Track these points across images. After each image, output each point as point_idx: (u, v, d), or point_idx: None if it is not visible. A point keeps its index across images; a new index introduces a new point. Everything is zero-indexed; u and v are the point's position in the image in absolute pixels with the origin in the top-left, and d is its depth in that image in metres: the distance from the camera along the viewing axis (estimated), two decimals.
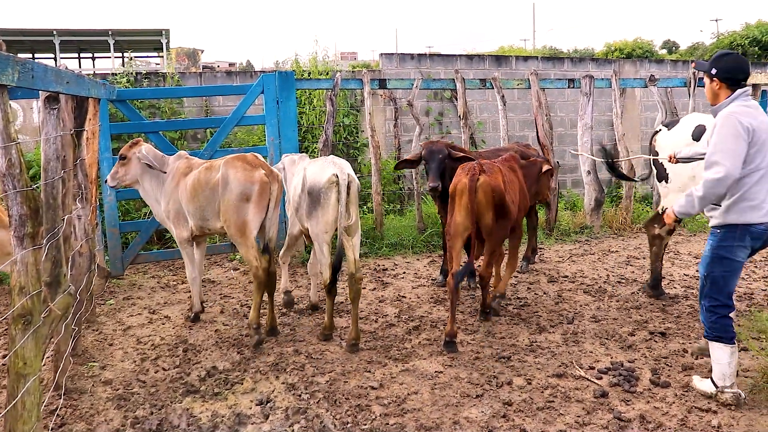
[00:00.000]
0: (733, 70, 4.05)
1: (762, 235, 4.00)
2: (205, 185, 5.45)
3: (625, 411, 4.02)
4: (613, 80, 9.85)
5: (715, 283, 4.08)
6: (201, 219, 5.58)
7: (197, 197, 5.50)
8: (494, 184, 5.27)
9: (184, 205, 5.62)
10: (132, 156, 5.88)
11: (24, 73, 2.91)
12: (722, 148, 3.88)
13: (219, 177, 5.35)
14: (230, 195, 5.28)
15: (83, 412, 4.16)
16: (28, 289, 3.06)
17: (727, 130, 3.89)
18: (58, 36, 22.97)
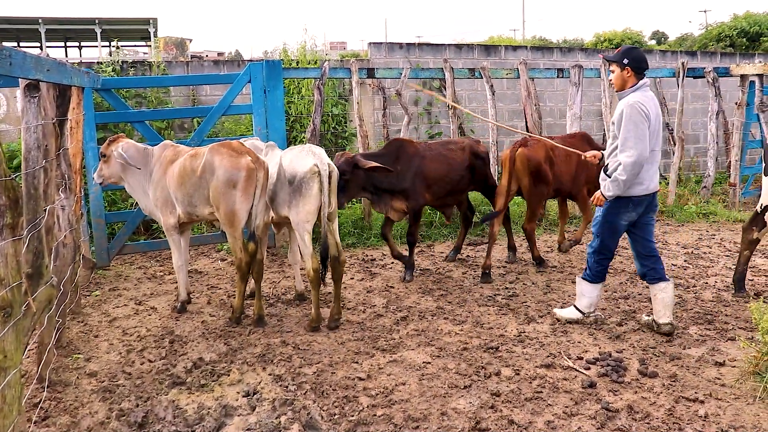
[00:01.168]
0: (640, 61, 4.87)
1: (642, 202, 4.95)
2: (191, 172, 5.43)
3: (613, 401, 4.02)
4: (602, 70, 9.83)
5: (603, 241, 5.11)
6: (189, 206, 5.57)
7: (184, 184, 5.48)
8: (530, 155, 6.70)
9: (172, 193, 5.60)
10: (110, 154, 5.84)
11: (1, 59, 2.84)
12: (634, 134, 4.71)
13: (204, 163, 5.33)
14: (217, 182, 5.27)
15: (67, 404, 4.11)
16: (8, 280, 2.99)
17: (637, 117, 4.71)
18: (44, 24, 22.70)
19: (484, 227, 8.84)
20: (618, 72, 4.91)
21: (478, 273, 6.96)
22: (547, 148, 6.83)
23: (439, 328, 5.33)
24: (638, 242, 5.15)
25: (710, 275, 6.76)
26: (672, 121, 11.47)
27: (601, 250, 5.15)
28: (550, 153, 6.91)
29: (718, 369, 4.47)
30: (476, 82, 11.50)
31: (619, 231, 5.09)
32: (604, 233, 5.09)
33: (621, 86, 4.92)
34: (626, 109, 4.76)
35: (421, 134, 11.42)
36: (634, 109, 4.72)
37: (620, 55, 4.90)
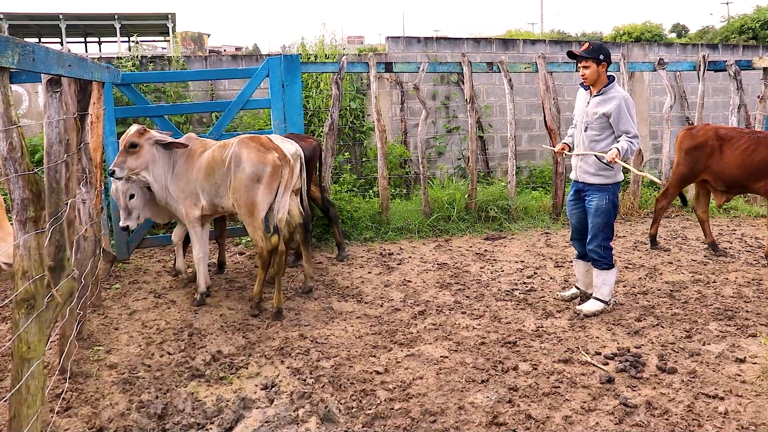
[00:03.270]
0: (610, 57, 5.38)
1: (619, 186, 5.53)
2: (220, 163, 5.62)
3: (632, 397, 4.00)
4: (621, 64, 9.75)
5: (610, 224, 5.43)
6: (216, 196, 5.75)
7: (212, 175, 5.68)
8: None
9: (199, 184, 5.76)
10: (144, 143, 5.71)
11: (24, 55, 2.88)
12: (633, 123, 5.26)
13: (231, 154, 5.52)
14: (242, 174, 5.44)
15: (89, 395, 4.16)
16: (31, 273, 3.04)
17: (632, 110, 5.31)
18: (65, 20, 22.92)
19: (501, 221, 8.83)
20: (594, 67, 5.33)
21: (495, 267, 6.95)
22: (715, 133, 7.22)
23: (456, 323, 5.33)
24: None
25: (731, 271, 6.69)
26: (692, 115, 11.37)
27: (610, 234, 5.48)
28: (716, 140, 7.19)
29: (738, 366, 4.43)
30: (494, 76, 11.46)
31: (617, 210, 5.65)
32: (611, 217, 5.43)
33: (595, 80, 5.39)
34: (624, 102, 5.27)
35: (439, 128, 11.40)
36: (629, 102, 5.31)
37: (596, 52, 5.30)
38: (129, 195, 6.00)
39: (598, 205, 5.40)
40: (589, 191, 5.47)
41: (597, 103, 5.38)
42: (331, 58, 10.21)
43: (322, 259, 7.41)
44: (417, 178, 10.54)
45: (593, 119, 5.39)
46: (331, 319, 5.49)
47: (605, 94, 5.35)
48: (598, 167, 5.37)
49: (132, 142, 5.69)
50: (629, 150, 5.18)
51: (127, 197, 5.99)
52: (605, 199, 5.38)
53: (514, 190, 9.30)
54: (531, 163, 12.05)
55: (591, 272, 5.64)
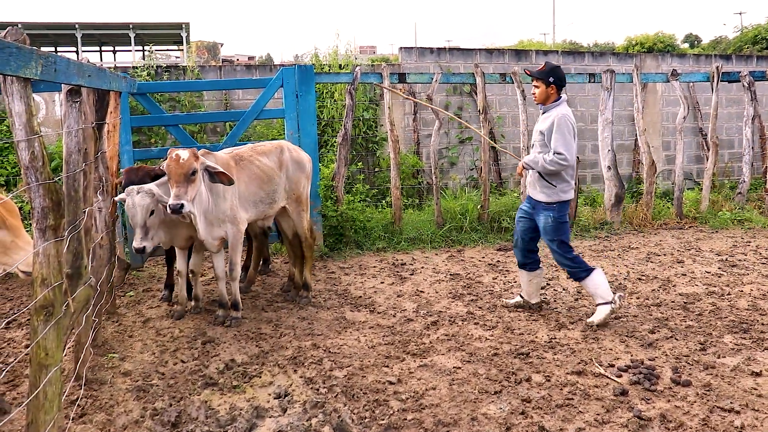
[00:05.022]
0: (563, 79, 5.50)
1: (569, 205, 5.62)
2: (276, 169, 5.88)
3: (646, 410, 3.98)
4: (634, 75, 9.75)
5: (564, 242, 5.56)
6: (269, 204, 5.91)
7: (270, 182, 5.84)
8: None
9: (251, 195, 5.76)
10: (200, 168, 5.21)
11: (47, 66, 2.92)
12: (563, 141, 5.32)
13: (287, 159, 6.00)
14: (302, 174, 6.15)
15: (103, 402, 4.19)
16: (50, 280, 3.07)
17: (566, 128, 5.35)
18: (80, 29, 23.17)
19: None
20: (543, 88, 5.51)
21: (508, 278, 6.95)
22: None
23: (469, 333, 5.33)
24: (535, 239, 5.82)
25: (745, 283, 6.66)
26: (706, 126, 11.35)
27: (566, 247, 5.60)
28: None
29: (754, 379, 4.39)
30: (507, 86, 11.48)
31: (567, 224, 5.66)
32: (561, 234, 5.57)
33: (544, 100, 5.56)
34: (557, 120, 5.38)
35: (451, 139, 11.42)
36: (563, 120, 5.38)
37: (546, 74, 5.48)
38: (150, 211, 5.26)
39: (545, 223, 5.57)
40: (537, 208, 5.63)
41: (541, 122, 5.61)
42: (344, 69, 10.27)
43: (334, 269, 7.43)
44: (429, 188, 10.55)
45: (537, 137, 5.62)
46: (343, 328, 5.50)
47: (547, 112, 5.55)
48: (541, 185, 5.54)
49: (194, 169, 5.11)
50: (539, 163, 5.40)
51: (147, 213, 5.24)
52: (549, 218, 5.52)
53: None
54: None
55: (534, 282, 5.87)
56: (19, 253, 3.24)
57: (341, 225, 8.23)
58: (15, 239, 3.27)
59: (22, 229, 3.37)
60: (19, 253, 3.23)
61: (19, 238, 3.30)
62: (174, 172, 5.03)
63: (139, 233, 5.23)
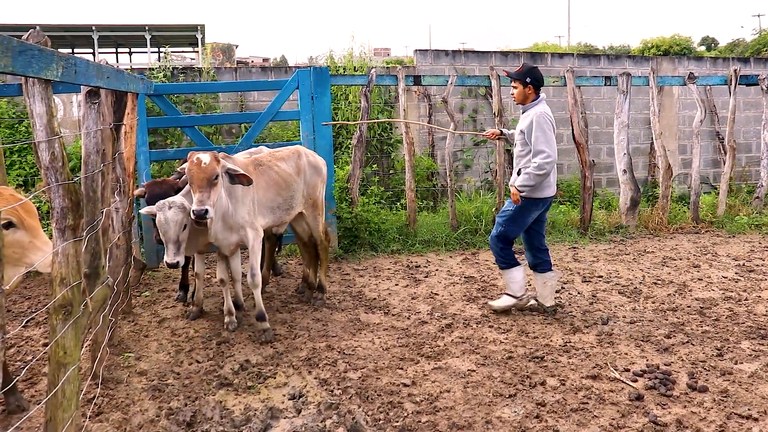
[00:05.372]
0: (540, 79, 5.64)
1: (546, 202, 5.72)
2: (294, 175, 5.83)
3: (661, 415, 3.96)
4: (650, 78, 9.70)
5: (507, 232, 5.74)
6: (286, 210, 5.85)
7: (289, 188, 5.78)
8: None
9: (269, 201, 5.62)
10: (221, 171, 5.05)
11: (67, 68, 2.95)
12: (544, 139, 5.45)
13: (305, 164, 5.97)
14: (319, 178, 6.15)
15: (119, 401, 4.22)
16: (69, 280, 3.10)
17: (545, 125, 5.48)
18: (97, 31, 23.34)
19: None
20: (521, 88, 5.66)
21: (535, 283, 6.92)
22: None
23: (483, 336, 5.32)
24: (535, 237, 5.89)
25: (763, 288, 6.60)
26: (723, 130, 11.27)
27: (504, 239, 5.79)
28: None
29: None
30: None
31: (524, 225, 5.79)
32: (510, 225, 5.73)
33: (522, 100, 5.71)
34: (535, 119, 5.50)
35: (466, 141, 11.41)
36: (542, 118, 5.50)
37: (524, 75, 5.62)
38: (183, 226, 5.04)
39: (506, 207, 5.81)
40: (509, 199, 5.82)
41: (520, 121, 5.75)
42: (359, 71, 10.29)
43: (348, 271, 7.45)
44: (444, 190, 10.54)
45: (517, 136, 5.76)
46: (358, 330, 5.51)
47: (526, 111, 5.70)
48: (514, 181, 5.74)
49: (217, 173, 4.95)
50: (530, 177, 5.49)
51: (180, 228, 5.01)
52: (511, 206, 5.72)
53: None
54: (558, 176, 11.97)
55: (548, 284, 5.90)
56: (37, 254, 3.27)
57: (356, 227, 8.24)
58: (33, 240, 3.29)
59: (40, 229, 3.39)
60: (36, 253, 3.26)
61: (36, 238, 3.33)
62: (196, 177, 4.86)
63: (172, 248, 5.02)
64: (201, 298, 5.96)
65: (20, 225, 3.28)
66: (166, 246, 5.03)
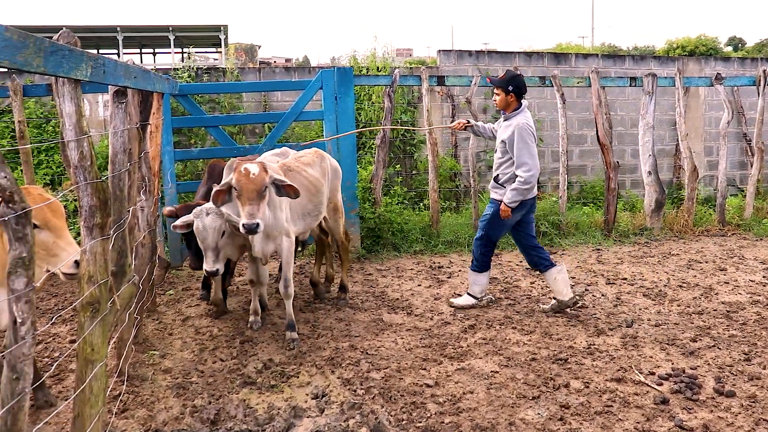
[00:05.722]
0: (522, 87, 5.68)
1: (528, 204, 5.77)
2: (322, 179, 5.80)
3: (688, 419, 3.91)
4: (676, 78, 9.59)
5: (490, 235, 5.90)
6: (314, 215, 5.75)
7: (318, 194, 5.72)
8: None
9: (302, 207, 5.52)
10: (269, 182, 4.90)
11: (96, 68, 2.99)
12: (527, 152, 5.53)
13: (329, 167, 5.96)
14: (339, 180, 6.24)
15: (144, 398, 4.26)
16: (96, 278, 3.14)
17: (528, 138, 5.56)
18: (122, 32, 23.59)
19: (552, 236, 8.75)
20: (503, 96, 5.70)
21: (545, 283, 6.88)
22: None
23: (507, 338, 5.30)
24: (523, 237, 5.96)
25: None
26: (750, 131, 11.11)
27: (487, 242, 5.94)
28: None
29: None
30: (546, 90, 11.38)
31: (505, 228, 5.92)
32: (492, 229, 5.87)
33: (504, 107, 5.76)
34: (517, 131, 5.56)
35: (489, 142, 11.36)
36: (524, 130, 5.56)
37: (506, 82, 5.66)
38: (221, 232, 5.04)
39: (486, 212, 5.96)
40: (492, 202, 5.93)
41: (502, 129, 5.80)
42: (382, 71, 10.30)
43: (371, 271, 7.45)
44: (467, 191, 10.51)
45: (498, 143, 5.82)
46: (381, 330, 5.51)
47: (508, 120, 5.74)
48: (493, 185, 5.89)
49: (266, 184, 4.83)
50: (517, 192, 5.59)
51: (219, 235, 5.01)
52: (491, 210, 5.87)
53: (565, 205, 9.21)
54: (582, 178, 11.92)
55: (558, 279, 5.87)
56: (60, 254, 3.25)
57: (379, 227, 8.25)
58: (57, 240, 3.27)
59: (64, 230, 3.37)
60: (60, 254, 3.25)
61: (60, 239, 3.30)
62: (246, 189, 4.71)
63: (211, 256, 4.99)
64: (220, 298, 5.93)
65: (44, 225, 3.27)
66: (204, 253, 5.01)
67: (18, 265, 2.38)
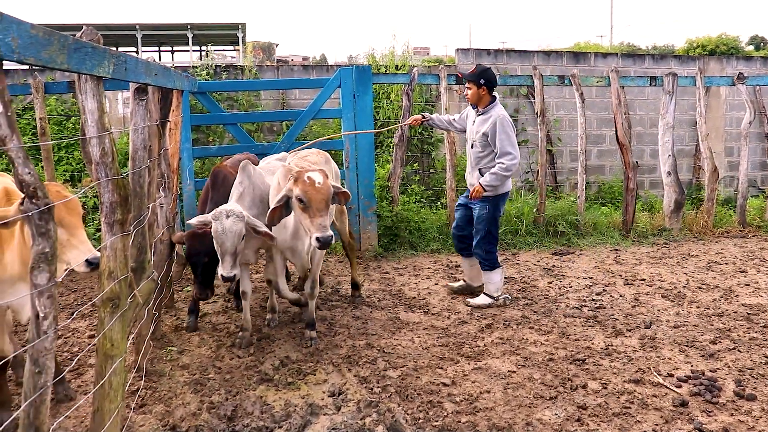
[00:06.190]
0: (494, 80, 5.90)
1: (507, 196, 6.15)
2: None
3: (707, 422, 3.87)
4: (697, 78, 9.49)
5: (491, 232, 6.02)
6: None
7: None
8: None
9: None
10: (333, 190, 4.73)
11: (118, 65, 3.01)
12: (509, 141, 5.76)
13: (334, 167, 5.85)
14: (339, 182, 5.93)
15: (162, 394, 4.29)
16: (117, 273, 3.16)
17: (509, 128, 5.78)
18: (141, 30, 23.75)
19: (569, 236, 8.71)
20: (475, 89, 5.88)
21: (563, 283, 6.85)
22: None
23: (524, 338, 5.28)
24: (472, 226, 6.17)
25: None
26: None
27: (490, 240, 6.05)
28: None
29: None
30: (564, 89, 11.32)
31: (498, 220, 6.18)
32: (491, 226, 6.01)
33: (476, 101, 5.95)
34: (498, 122, 5.76)
35: None
36: (505, 121, 5.79)
37: (477, 76, 5.84)
38: (242, 236, 4.69)
39: (479, 213, 5.99)
40: (474, 200, 5.97)
41: (479, 123, 5.94)
42: (401, 70, 10.28)
43: (388, 269, 7.45)
44: None
45: (477, 137, 5.94)
46: (397, 329, 5.51)
47: (485, 114, 5.90)
48: (479, 180, 5.91)
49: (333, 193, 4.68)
50: (497, 177, 5.75)
51: (239, 239, 4.65)
52: (485, 209, 5.94)
53: (583, 205, 9.16)
54: (600, 178, 11.84)
55: (475, 266, 6.28)
56: (72, 252, 3.24)
57: (396, 225, 8.24)
58: (70, 238, 3.25)
59: (80, 228, 3.36)
60: (72, 252, 3.24)
61: (74, 237, 3.29)
62: (314, 199, 4.43)
63: (229, 261, 4.60)
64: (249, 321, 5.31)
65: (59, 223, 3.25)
66: (221, 258, 4.64)
67: (41, 260, 2.40)
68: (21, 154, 2.31)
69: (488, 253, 6.05)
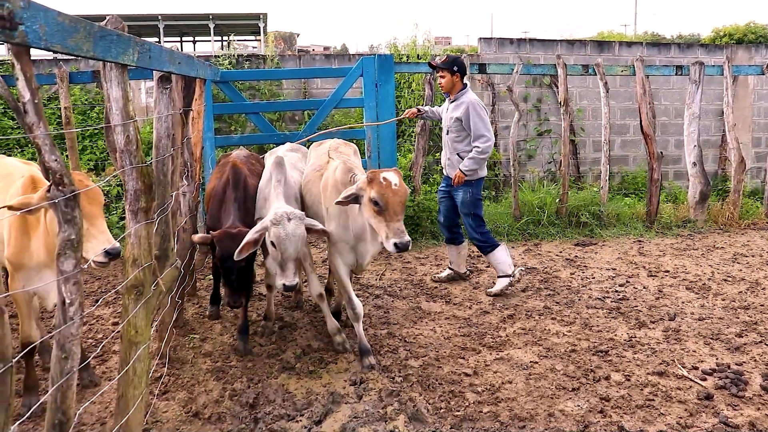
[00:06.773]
0: (464, 68, 6.09)
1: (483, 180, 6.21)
2: None
3: (733, 416, 3.83)
4: (725, 67, 9.34)
5: (477, 214, 6.14)
6: None
7: None
8: None
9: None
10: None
11: (143, 53, 3.01)
12: (483, 125, 5.90)
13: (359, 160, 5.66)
14: None
15: (185, 381, 4.32)
16: (141, 261, 3.18)
17: (481, 112, 5.95)
18: (163, 20, 23.84)
19: (592, 227, 8.64)
20: (449, 77, 6.06)
21: (586, 274, 6.80)
22: None
23: (546, 328, 5.24)
24: (457, 215, 6.36)
25: None
26: None
27: (479, 222, 6.17)
28: None
29: None
30: (588, 78, 11.20)
31: (482, 202, 6.28)
32: (476, 209, 6.14)
33: (450, 89, 6.12)
34: (471, 106, 5.91)
35: (530, 131, 11.24)
36: (477, 105, 5.96)
37: (450, 64, 6.02)
38: (304, 240, 4.36)
39: (462, 198, 6.12)
40: (457, 186, 6.11)
41: (452, 109, 6.08)
42: (423, 59, 10.23)
43: (410, 259, 7.44)
44: (506, 180, 10.43)
45: (451, 123, 6.09)
46: (419, 318, 5.50)
47: (457, 100, 6.08)
48: (457, 163, 6.08)
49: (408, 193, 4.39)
50: (474, 161, 5.91)
51: (302, 244, 4.31)
52: (468, 194, 6.08)
53: (606, 195, 9.07)
54: (623, 168, 11.72)
55: (461, 253, 6.53)
56: (91, 242, 3.24)
57: (418, 215, 8.23)
58: (89, 227, 3.24)
59: (99, 218, 3.35)
60: (90, 241, 3.23)
61: (93, 226, 3.28)
62: (392, 202, 4.08)
63: (291, 267, 4.18)
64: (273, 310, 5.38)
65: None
66: (283, 265, 4.19)
67: (67, 246, 2.42)
68: (48, 142, 2.32)
69: (483, 235, 6.15)
